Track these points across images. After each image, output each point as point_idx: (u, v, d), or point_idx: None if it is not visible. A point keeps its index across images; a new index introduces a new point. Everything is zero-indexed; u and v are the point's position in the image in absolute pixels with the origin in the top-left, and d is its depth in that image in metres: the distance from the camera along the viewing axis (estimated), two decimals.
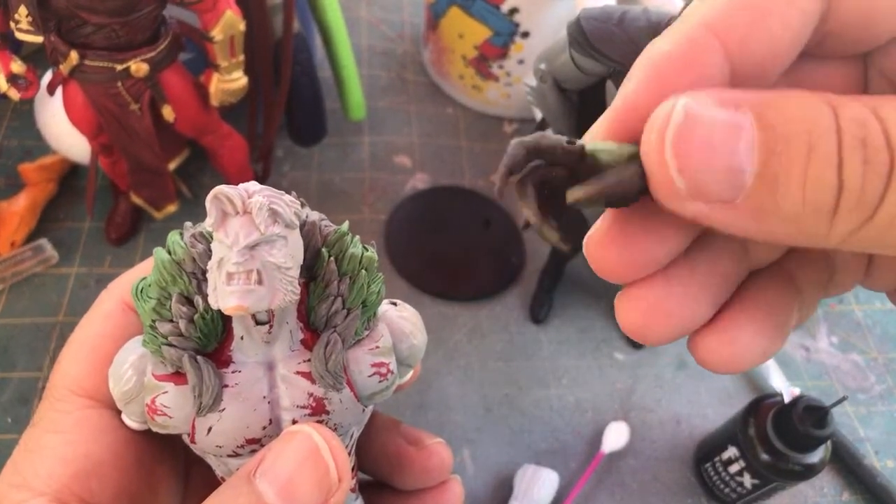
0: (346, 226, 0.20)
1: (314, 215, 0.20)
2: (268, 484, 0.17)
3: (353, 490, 0.22)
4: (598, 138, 0.14)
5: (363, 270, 0.19)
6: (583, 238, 0.15)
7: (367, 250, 0.20)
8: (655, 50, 0.14)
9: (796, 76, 0.15)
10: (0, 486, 0.18)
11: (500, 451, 0.55)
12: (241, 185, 0.17)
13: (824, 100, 0.11)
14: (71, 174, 0.64)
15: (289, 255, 0.17)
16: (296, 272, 0.17)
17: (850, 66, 0.15)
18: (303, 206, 0.19)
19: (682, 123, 0.12)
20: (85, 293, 0.58)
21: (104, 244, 0.61)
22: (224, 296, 0.16)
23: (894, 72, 0.14)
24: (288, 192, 0.19)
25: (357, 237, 0.20)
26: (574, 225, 0.13)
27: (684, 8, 0.36)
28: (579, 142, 0.14)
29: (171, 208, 0.61)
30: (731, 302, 0.15)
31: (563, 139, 0.14)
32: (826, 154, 0.11)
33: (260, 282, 0.16)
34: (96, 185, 0.58)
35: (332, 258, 0.19)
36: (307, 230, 0.19)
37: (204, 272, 0.18)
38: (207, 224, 0.17)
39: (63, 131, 0.57)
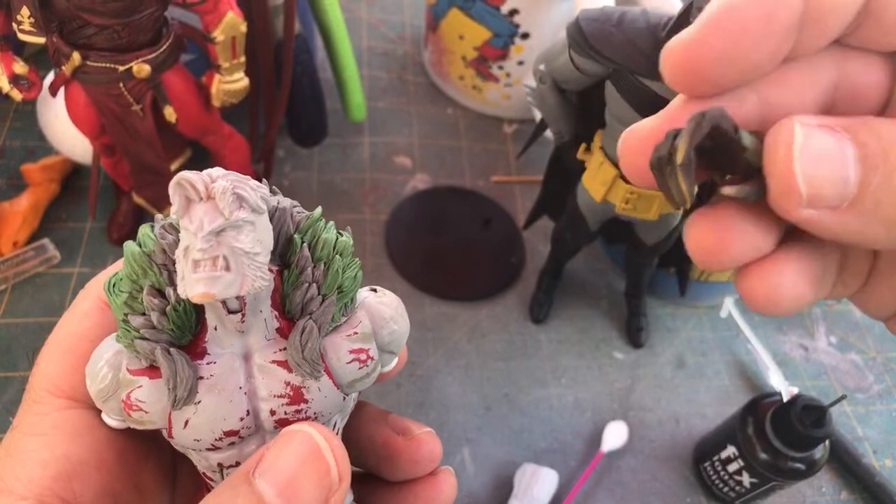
0: (318, 211, 0.19)
1: (285, 202, 0.19)
2: (268, 484, 0.17)
3: None
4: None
5: (338, 256, 0.19)
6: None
7: (341, 235, 0.19)
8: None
9: (842, 69, 0.16)
10: None
11: (500, 450, 0.55)
12: (205, 171, 0.16)
13: None
14: (73, 174, 0.64)
15: (257, 240, 0.17)
16: (265, 258, 0.17)
17: (888, 62, 0.16)
18: (274, 193, 0.19)
19: (804, 141, 0.14)
20: None
21: (106, 244, 0.61)
22: (191, 283, 0.16)
23: None
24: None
25: (331, 223, 0.20)
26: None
27: (683, 9, 0.36)
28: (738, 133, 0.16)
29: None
30: (783, 245, 0.17)
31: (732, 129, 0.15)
32: None
33: (227, 268, 0.16)
34: (98, 185, 0.59)
35: (304, 244, 0.19)
36: (278, 216, 0.19)
37: (175, 263, 0.17)
38: (173, 212, 0.17)
39: (65, 132, 0.58)
